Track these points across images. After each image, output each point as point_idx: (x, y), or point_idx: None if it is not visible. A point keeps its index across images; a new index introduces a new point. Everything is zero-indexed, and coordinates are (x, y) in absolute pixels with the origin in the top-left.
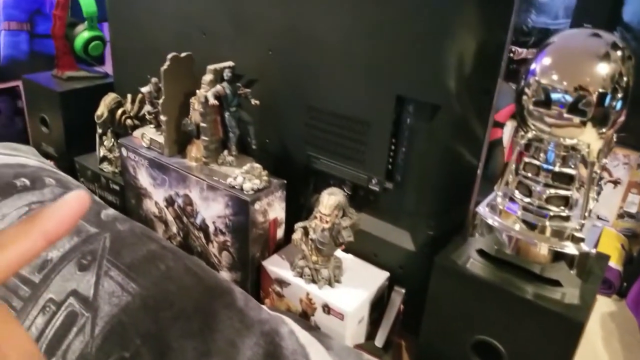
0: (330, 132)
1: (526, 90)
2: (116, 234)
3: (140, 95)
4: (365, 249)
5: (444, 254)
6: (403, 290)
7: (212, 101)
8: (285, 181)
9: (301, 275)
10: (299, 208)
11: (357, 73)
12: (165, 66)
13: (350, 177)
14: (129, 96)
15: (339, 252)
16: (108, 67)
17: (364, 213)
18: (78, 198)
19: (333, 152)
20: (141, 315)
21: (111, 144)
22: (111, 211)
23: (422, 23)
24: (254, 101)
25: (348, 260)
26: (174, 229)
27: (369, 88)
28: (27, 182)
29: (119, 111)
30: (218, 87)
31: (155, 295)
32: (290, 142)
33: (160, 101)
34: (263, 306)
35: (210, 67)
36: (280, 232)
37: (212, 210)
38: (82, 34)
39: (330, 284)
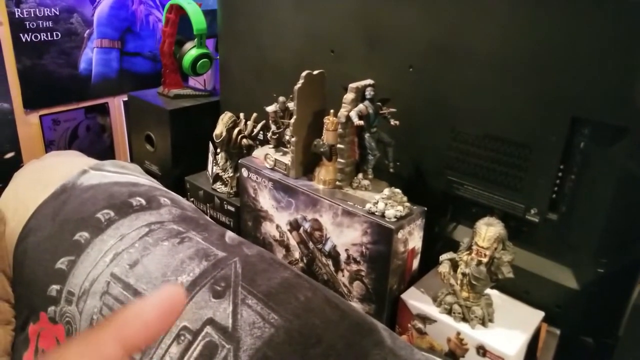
0: (478, 155)
1: None
2: (245, 258)
3: (254, 115)
4: (515, 285)
5: None
6: (558, 332)
7: (358, 121)
8: (425, 208)
9: (449, 312)
10: (434, 237)
11: (518, 91)
12: (299, 84)
13: (501, 205)
14: (242, 115)
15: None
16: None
17: (515, 246)
18: (170, 299)
19: (481, 177)
20: (287, 349)
21: (224, 163)
22: (233, 234)
23: (614, 33)
24: (393, 121)
25: (495, 297)
26: (297, 254)
27: (535, 108)
28: (143, 201)
29: (235, 131)
30: (361, 106)
31: (299, 329)
32: (427, 166)
33: (292, 121)
34: (412, 345)
35: (352, 85)
36: (415, 263)
37: (346, 237)
38: (190, 52)
39: (483, 324)
